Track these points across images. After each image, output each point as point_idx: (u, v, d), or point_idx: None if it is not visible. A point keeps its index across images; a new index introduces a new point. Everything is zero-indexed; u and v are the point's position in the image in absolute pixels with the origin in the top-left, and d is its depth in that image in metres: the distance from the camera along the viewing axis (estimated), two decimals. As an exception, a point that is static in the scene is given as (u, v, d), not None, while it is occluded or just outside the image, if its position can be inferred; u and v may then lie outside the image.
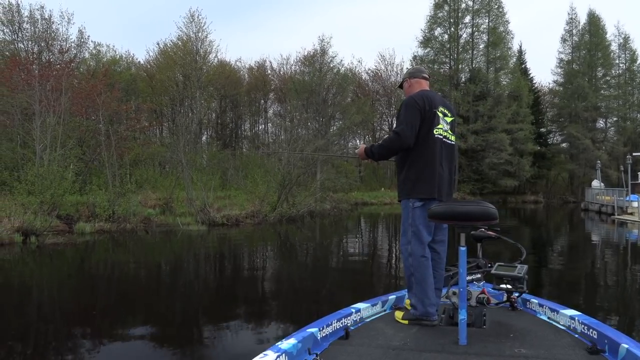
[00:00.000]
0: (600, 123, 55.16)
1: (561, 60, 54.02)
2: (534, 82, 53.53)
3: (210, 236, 16.61)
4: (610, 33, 53.33)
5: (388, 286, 7.95)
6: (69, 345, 5.31)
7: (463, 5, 48.76)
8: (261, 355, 2.33)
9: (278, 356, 2.35)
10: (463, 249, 2.78)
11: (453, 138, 3.53)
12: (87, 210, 17.84)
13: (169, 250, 14.19)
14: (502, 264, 3.53)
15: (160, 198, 21.65)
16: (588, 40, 52.23)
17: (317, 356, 2.53)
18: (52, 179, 17.25)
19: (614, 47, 53.16)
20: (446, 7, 48.79)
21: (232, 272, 10.51)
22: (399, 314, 3.34)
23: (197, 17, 38.14)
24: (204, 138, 43.04)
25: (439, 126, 3.35)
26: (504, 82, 48.86)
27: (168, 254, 13.36)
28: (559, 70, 54.25)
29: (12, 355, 4.98)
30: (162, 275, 10.23)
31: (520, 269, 3.39)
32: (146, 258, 12.64)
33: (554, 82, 55.41)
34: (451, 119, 3.51)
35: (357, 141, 52.00)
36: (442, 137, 3.38)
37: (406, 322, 3.23)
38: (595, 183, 36.15)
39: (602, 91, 53.11)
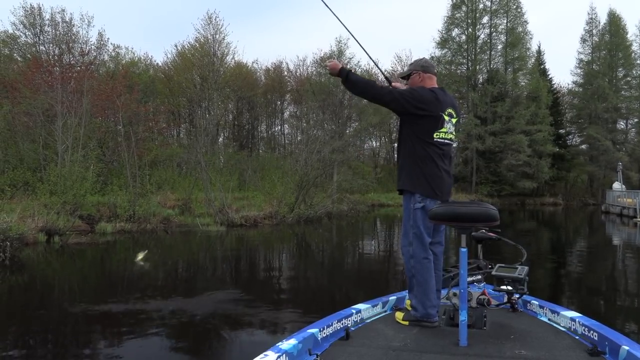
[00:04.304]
0: (621, 124, 54.26)
1: (581, 60, 53.24)
2: (553, 82, 52.77)
3: (229, 236, 16.70)
4: (632, 33, 52.44)
5: (404, 285, 7.93)
6: (92, 340, 5.37)
7: (481, 6, 48.33)
8: (261, 355, 2.34)
9: (278, 357, 2.36)
10: (464, 250, 2.78)
11: (454, 138, 3.54)
12: (108, 211, 18.07)
13: (190, 250, 14.30)
14: (503, 265, 3.54)
15: (179, 199, 21.82)
16: (608, 41, 51.38)
17: (317, 357, 2.54)
18: (73, 179, 17.50)
19: (635, 47, 52.22)
20: (464, 8, 48.39)
21: (254, 272, 10.56)
22: (399, 315, 3.33)
23: (215, 19, 38.36)
24: (220, 139, 43.24)
25: (443, 129, 3.36)
26: (522, 83, 48.27)
27: (190, 254, 13.47)
28: (579, 70, 53.46)
29: (37, 349, 5.06)
30: (185, 274, 10.31)
31: (521, 271, 3.40)
32: (169, 258, 12.74)
33: (574, 82, 54.58)
34: (456, 119, 3.51)
35: (374, 142, 51.91)
36: (446, 139, 3.39)
37: (407, 323, 3.24)
38: (617, 185, 35.58)
39: (622, 92, 52.16)
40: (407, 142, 3.37)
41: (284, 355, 2.41)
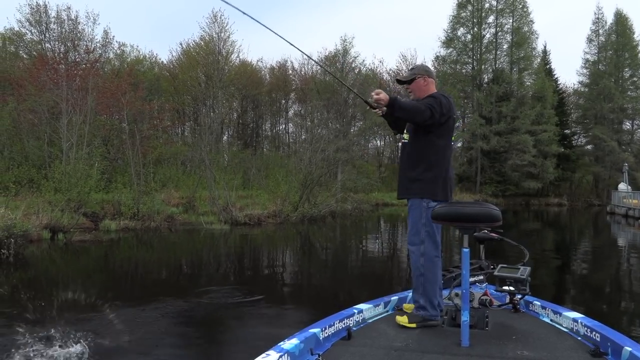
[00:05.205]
0: (627, 125, 53.94)
1: (587, 60, 52.98)
2: (559, 82, 52.54)
3: (233, 235, 16.71)
4: (638, 33, 52.02)
5: (407, 284, 7.92)
6: (91, 339, 5.38)
7: (487, 5, 48.11)
8: (263, 355, 2.34)
9: (280, 356, 2.36)
10: (466, 250, 2.79)
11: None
12: (113, 208, 18.09)
13: (194, 248, 14.31)
14: (505, 265, 3.56)
15: (183, 197, 21.86)
16: (615, 41, 51.11)
17: (319, 356, 2.55)
18: (78, 177, 17.55)
19: (641, 47, 52.00)
20: (469, 7, 48.19)
21: (257, 271, 10.55)
22: (404, 319, 3.23)
23: (220, 17, 38.35)
24: (225, 138, 43.27)
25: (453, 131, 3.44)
26: (527, 83, 48.05)
27: (194, 252, 13.47)
28: (585, 71, 53.20)
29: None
30: (188, 272, 10.32)
31: (523, 271, 3.41)
32: (173, 256, 12.76)
33: (580, 83, 54.34)
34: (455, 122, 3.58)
35: (378, 141, 51.81)
36: (454, 141, 3.47)
37: (414, 325, 3.17)
38: (622, 186, 35.41)
39: (628, 92, 51.83)
40: (426, 147, 3.36)
41: (286, 354, 2.41)
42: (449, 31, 48.77)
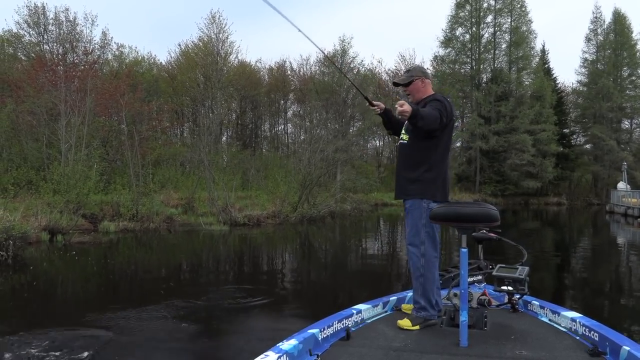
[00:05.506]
0: (626, 124, 53.97)
1: (585, 60, 53.01)
2: (558, 82, 52.54)
3: (232, 236, 16.71)
4: (636, 32, 52.26)
5: (406, 285, 7.92)
6: (90, 341, 5.37)
7: (485, 5, 48.12)
8: (262, 356, 2.34)
9: (279, 357, 2.36)
10: (464, 250, 2.79)
11: None
12: (111, 210, 18.08)
13: (193, 249, 14.29)
14: (504, 265, 3.56)
15: (182, 198, 21.83)
16: (613, 40, 51.14)
17: (318, 357, 2.55)
18: (77, 178, 17.54)
19: (640, 46, 52.04)
20: (468, 7, 48.18)
21: (256, 272, 10.55)
22: (406, 323, 3.20)
23: (218, 18, 38.36)
24: (223, 138, 43.26)
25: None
26: (526, 82, 48.05)
27: (193, 253, 13.46)
28: (583, 70, 53.23)
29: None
30: (187, 274, 10.31)
31: (522, 271, 3.42)
32: (172, 257, 12.75)
33: (578, 82, 54.33)
34: None
35: (377, 142, 51.82)
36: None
37: (417, 327, 3.15)
38: (621, 185, 35.40)
39: (627, 91, 51.84)
40: (427, 148, 3.37)
41: (285, 355, 2.41)
42: (447, 31, 48.81)
